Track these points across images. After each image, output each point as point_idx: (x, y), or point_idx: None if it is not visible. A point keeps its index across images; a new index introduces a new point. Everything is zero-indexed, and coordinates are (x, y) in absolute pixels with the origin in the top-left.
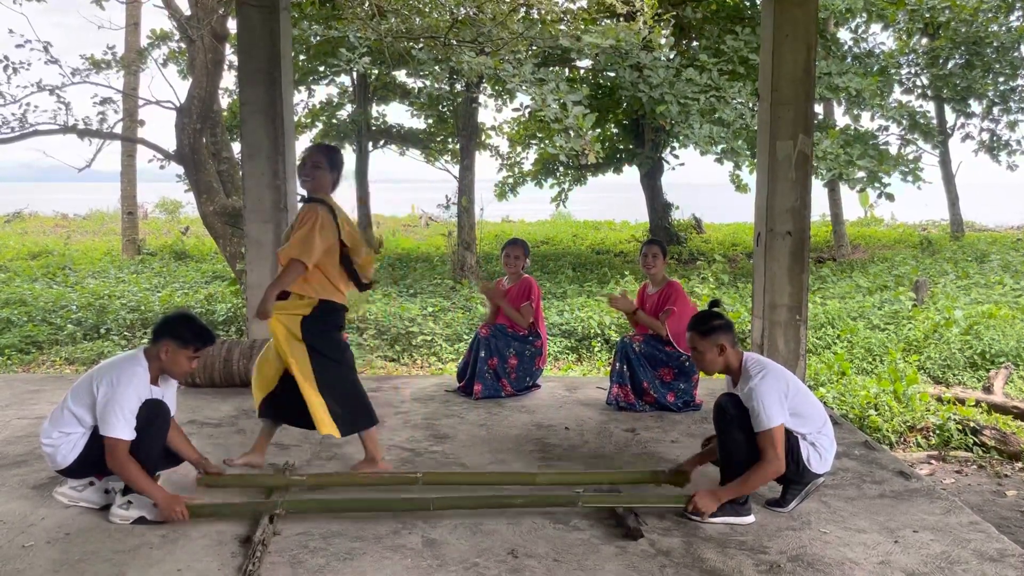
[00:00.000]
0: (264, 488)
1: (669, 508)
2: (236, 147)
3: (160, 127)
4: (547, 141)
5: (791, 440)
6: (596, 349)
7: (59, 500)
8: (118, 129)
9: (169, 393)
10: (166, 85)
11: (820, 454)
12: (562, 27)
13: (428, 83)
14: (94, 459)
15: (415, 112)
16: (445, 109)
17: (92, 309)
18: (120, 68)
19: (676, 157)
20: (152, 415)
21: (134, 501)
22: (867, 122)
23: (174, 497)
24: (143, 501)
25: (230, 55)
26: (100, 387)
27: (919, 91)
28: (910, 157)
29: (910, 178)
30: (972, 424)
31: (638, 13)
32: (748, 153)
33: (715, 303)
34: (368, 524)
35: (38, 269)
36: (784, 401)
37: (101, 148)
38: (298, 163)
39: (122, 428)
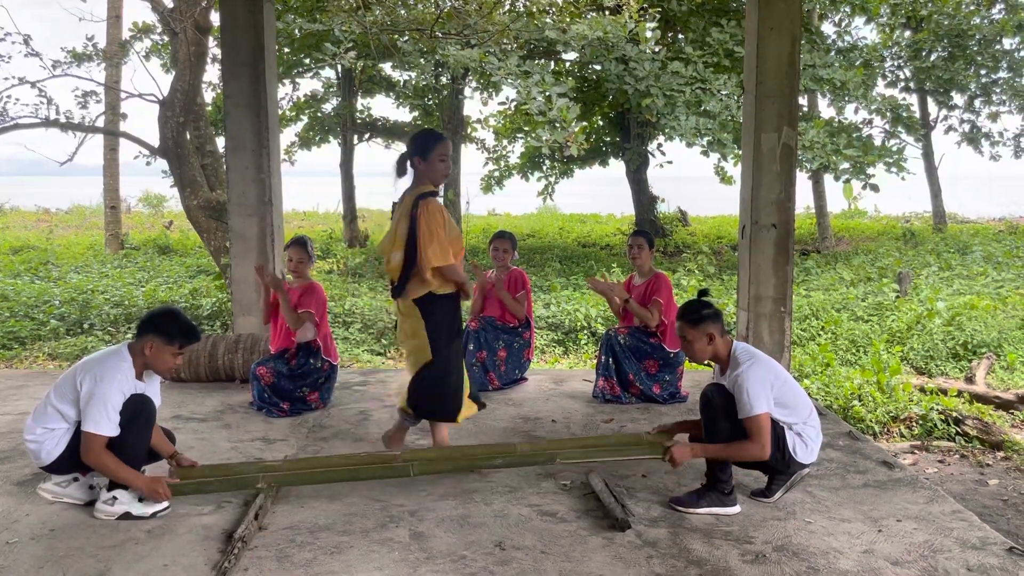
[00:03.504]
0: (241, 477)
1: (647, 459)
2: (220, 141)
3: (143, 121)
4: (533, 134)
5: (777, 430)
6: (583, 342)
7: (43, 496)
8: (100, 123)
9: (153, 388)
10: (149, 78)
11: (806, 443)
12: (548, 20)
13: (414, 76)
14: (78, 455)
15: (401, 105)
16: (431, 102)
17: (75, 304)
18: (102, 61)
19: (663, 153)
20: (137, 410)
21: (119, 497)
22: (851, 115)
23: (155, 479)
24: (128, 497)
25: (213, 48)
26: (83, 383)
27: (902, 84)
28: (894, 149)
29: (894, 169)
30: (954, 414)
31: (624, 6)
32: (734, 145)
33: (703, 292)
34: (356, 518)
35: (20, 264)
36: (770, 390)
37: (83, 142)
38: (446, 157)
39: (104, 424)
